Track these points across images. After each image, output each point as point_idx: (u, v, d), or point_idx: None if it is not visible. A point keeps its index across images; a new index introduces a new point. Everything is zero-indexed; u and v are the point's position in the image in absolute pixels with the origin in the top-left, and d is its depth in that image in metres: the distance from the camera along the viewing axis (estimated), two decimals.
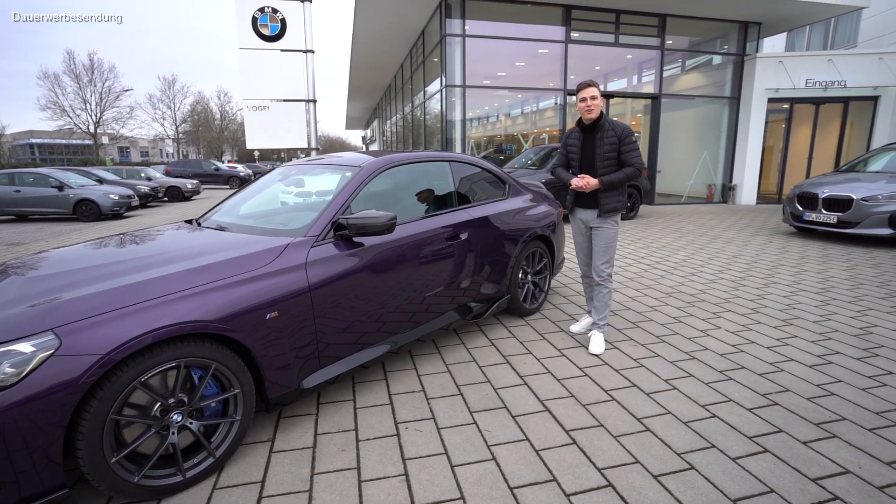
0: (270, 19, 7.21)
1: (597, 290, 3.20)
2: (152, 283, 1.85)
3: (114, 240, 2.64)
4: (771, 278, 4.92)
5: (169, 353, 1.77)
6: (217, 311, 1.88)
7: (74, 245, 2.61)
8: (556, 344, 3.25)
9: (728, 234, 7.75)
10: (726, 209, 11.27)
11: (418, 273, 2.75)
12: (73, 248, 2.54)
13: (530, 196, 3.90)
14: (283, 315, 2.11)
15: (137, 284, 1.83)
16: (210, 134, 50.41)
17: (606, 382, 2.70)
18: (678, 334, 3.41)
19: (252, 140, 7.34)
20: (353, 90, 23.07)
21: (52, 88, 36.09)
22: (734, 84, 12.13)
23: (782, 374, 2.77)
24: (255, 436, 2.24)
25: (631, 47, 11.49)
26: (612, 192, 3.04)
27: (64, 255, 2.38)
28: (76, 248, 2.53)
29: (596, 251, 3.15)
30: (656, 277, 4.99)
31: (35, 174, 11.80)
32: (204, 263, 2.01)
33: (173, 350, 1.78)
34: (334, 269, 2.34)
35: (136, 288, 1.81)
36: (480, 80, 10.97)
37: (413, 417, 2.38)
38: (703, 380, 2.71)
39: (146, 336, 1.67)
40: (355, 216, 2.39)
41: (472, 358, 3.05)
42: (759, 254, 6.15)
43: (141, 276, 1.90)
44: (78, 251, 2.43)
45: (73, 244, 2.65)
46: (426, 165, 3.14)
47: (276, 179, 3.18)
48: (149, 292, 1.80)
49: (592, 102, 2.93)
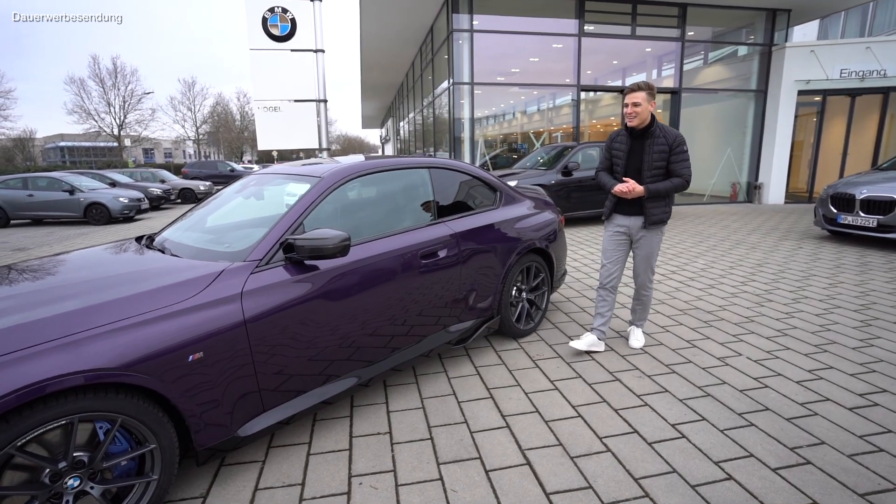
0: (280, 19, 7.11)
1: (638, 295, 3.21)
2: (22, 329, 1.55)
3: (14, 269, 2.28)
4: (801, 292, 4.43)
5: (55, 409, 1.48)
6: (117, 356, 1.58)
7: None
8: (549, 373, 2.88)
9: (753, 238, 7.19)
10: (751, 209, 10.61)
11: (387, 298, 2.42)
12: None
13: (527, 204, 3.52)
14: (211, 355, 1.80)
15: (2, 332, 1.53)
16: (230, 134, 51.03)
17: (602, 426, 2.31)
18: (691, 362, 2.99)
19: (264, 141, 7.25)
20: (366, 89, 22.87)
21: (78, 92, 37.01)
22: (761, 76, 11.42)
23: (815, 421, 2.34)
24: (187, 491, 1.95)
25: (649, 39, 10.91)
26: (660, 202, 2.93)
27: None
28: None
29: (639, 261, 3.09)
30: (670, 290, 4.54)
31: (48, 178, 11.91)
32: (105, 300, 1.71)
33: (61, 405, 1.49)
34: (281, 297, 2.03)
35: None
36: (489, 77, 10.56)
37: (371, 469, 2.05)
38: (718, 425, 2.30)
39: (9, 397, 1.37)
40: (304, 237, 2.07)
41: (451, 391, 2.71)
42: (787, 262, 5.61)
43: (10, 321, 1.59)
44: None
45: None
46: (401, 174, 2.80)
47: (237, 190, 2.88)
48: (15, 341, 1.49)
49: (634, 109, 2.81)
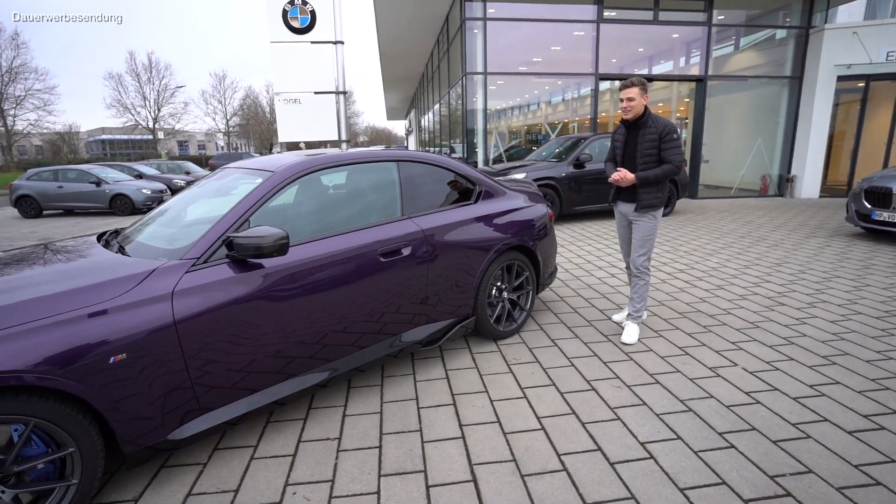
0: (300, 11, 7.12)
1: (633, 281, 3.25)
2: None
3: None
4: (819, 295, 4.08)
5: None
6: (27, 357, 1.52)
7: None
8: (522, 380, 2.71)
9: (777, 234, 6.75)
10: (782, 203, 10.01)
11: (342, 298, 2.30)
12: None
13: (513, 198, 3.34)
14: (136, 357, 1.73)
15: None
16: (260, 126, 52.09)
17: (564, 441, 2.15)
18: (679, 372, 2.77)
19: (284, 133, 7.33)
20: (388, 81, 22.79)
21: (116, 87, 38.55)
22: (796, 62, 10.70)
23: (806, 445, 2.10)
24: (122, 493, 1.90)
25: (671, 24, 10.35)
26: (650, 188, 3.08)
27: None
28: None
29: (634, 244, 3.22)
30: (674, 290, 4.27)
31: (76, 170, 12.34)
32: (20, 299, 1.65)
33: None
34: (219, 297, 1.94)
35: None
36: (504, 67, 10.27)
37: (309, 478, 1.95)
38: (693, 445, 2.10)
39: None
40: (242, 234, 1.97)
41: (414, 395, 2.58)
42: (809, 261, 5.22)
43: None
44: None
45: None
46: (365, 167, 2.67)
47: (202, 185, 2.82)
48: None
49: (629, 104, 3.01)
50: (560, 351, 3.08)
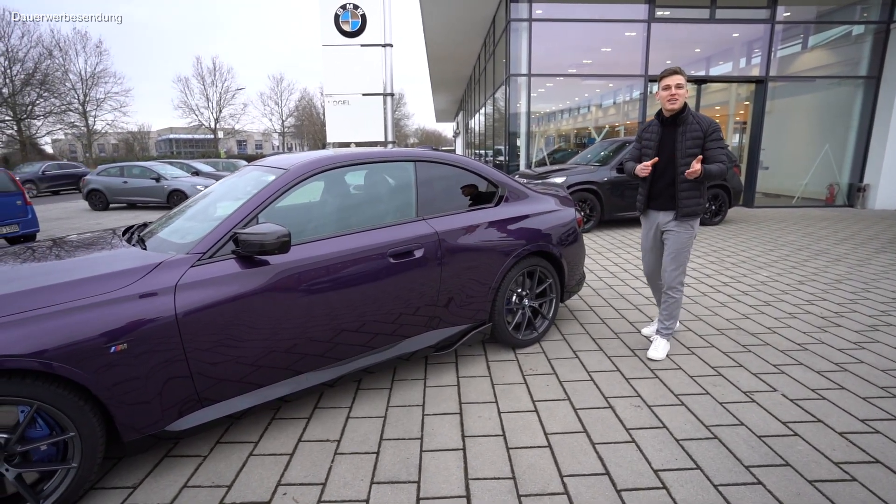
0: (352, 15, 7.36)
1: (664, 296, 3.00)
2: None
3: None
4: (885, 317, 3.66)
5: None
6: (31, 343, 1.59)
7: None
8: (535, 392, 2.58)
9: (841, 248, 6.16)
10: (851, 215, 9.16)
11: (349, 298, 2.27)
12: None
13: (537, 202, 3.20)
14: (137, 348, 1.77)
15: None
16: (314, 127, 54.02)
17: (570, 462, 2.01)
18: (709, 394, 2.54)
19: (332, 134, 7.57)
20: (436, 83, 22.96)
21: (183, 90, 41.11)
22: (873, 60, 9.78)
23: (851, 489, 1.85)
24: (124, 479, 1.95)
25: (730, 22, 9.74)
26: (695, 192, 2.79)
27: None
28: None
29: (666, 257, 2.94)
30: (714, 305, 3.96)
31: (140, 167, 13.22)
32: (27, 288, 1.72)
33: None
34: (224, 292, 1.96)
35: None
36: (549, 69, 10.04)
37: (302, 479, 1.93)
38: (713, 478, 1.89)
39: None
40: (246, 231, 1.99)
41: (421, 401, 2.51)
42: (877, 279, 4.71)
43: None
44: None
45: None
46: (381, 167, 2.64)
47: (227, 181, 2.89)
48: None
49: (678, 91, 2.70)
50: (580, 363, 2.92)
